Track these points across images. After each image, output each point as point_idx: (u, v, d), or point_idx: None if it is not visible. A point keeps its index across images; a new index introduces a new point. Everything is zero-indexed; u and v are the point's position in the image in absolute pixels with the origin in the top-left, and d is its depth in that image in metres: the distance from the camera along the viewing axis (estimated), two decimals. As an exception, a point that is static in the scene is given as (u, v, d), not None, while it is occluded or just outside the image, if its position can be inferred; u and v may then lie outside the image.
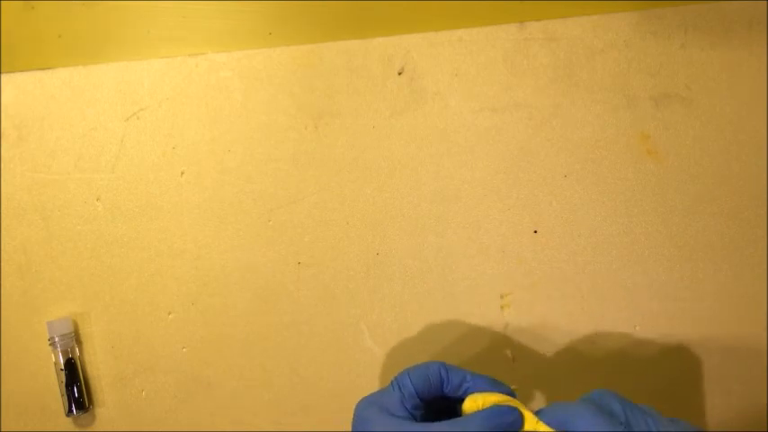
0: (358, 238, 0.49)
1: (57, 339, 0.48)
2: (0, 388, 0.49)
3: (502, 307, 0.49)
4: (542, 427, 0.35)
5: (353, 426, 0.38)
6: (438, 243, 0.49)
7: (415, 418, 0.37)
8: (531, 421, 0.36)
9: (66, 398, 0.48)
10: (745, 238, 0.48)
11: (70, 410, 0.48)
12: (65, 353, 0.48)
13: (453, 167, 0.49)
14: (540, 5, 0.48)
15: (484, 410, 0.36)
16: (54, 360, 0.49)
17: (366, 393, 0.48)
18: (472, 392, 0.38)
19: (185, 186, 0.49)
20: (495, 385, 0.39)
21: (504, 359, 0.49)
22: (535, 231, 0.49)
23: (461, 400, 0.38)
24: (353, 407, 0.38)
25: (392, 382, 0.39)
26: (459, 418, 0.36)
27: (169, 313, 0.49)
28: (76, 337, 0.49)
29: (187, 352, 0.49)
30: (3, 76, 0.49)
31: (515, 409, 0.36)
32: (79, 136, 0.49)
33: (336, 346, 0.49)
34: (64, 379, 0.48)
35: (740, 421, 0.48)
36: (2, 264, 0.49)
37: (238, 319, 0.49)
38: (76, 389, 0.48)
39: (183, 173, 0.49)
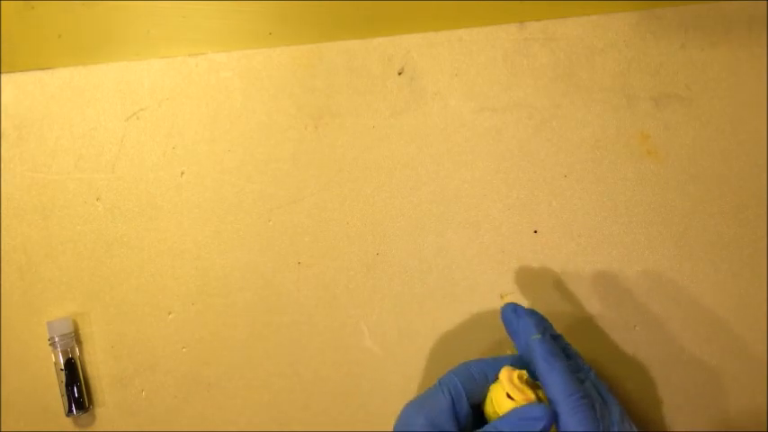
0: (358, 238, 0.49)
1: (57, 339, 0.48)
2: (0, 388, 0.49)
3: (502, 307, 0.49)
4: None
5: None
6: (438, 243, 0.49)
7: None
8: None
9: (66, 398, 0.48)
10: (745, 238, 0.48)
11: (70, 410, 0.48)
12: (65, 353, 0.48)
13: (453, 167, 0.49)
14: (540, 5, 0.48)
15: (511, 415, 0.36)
16: (54, 360, 0.49)
17: (366, 393, 0.49)
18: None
19: (185, 186, 0.49)
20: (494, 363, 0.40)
21: (504, 359, 0.49)
22: (535, 231, 0.49)
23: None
24: (399, 411, 0.38)
25: (438, 385, 0.38)
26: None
27: (169, 313, 0.49)
28: (76, 337, 0.49)
29: (187, 352, 0.49)
30: (3, 76, 0.49)
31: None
32: (79, 136, 0.49)
33: (336, 346, 0.49)
34: (64, 379, 0.48)
35: (740, 421, 0.48)
36: (2, 264, 0.49)
37: (238, 319, 0.49)
38: (76, 389, 0.48)
39: (183, 173, 0.49)
